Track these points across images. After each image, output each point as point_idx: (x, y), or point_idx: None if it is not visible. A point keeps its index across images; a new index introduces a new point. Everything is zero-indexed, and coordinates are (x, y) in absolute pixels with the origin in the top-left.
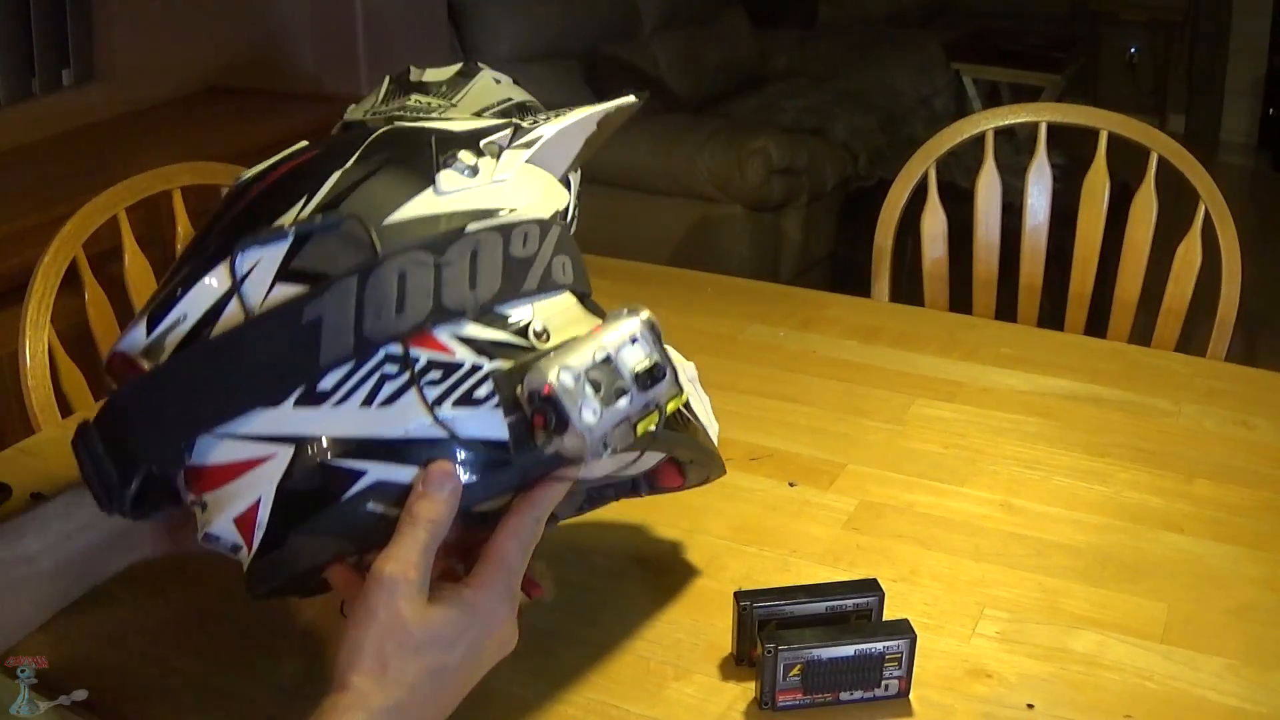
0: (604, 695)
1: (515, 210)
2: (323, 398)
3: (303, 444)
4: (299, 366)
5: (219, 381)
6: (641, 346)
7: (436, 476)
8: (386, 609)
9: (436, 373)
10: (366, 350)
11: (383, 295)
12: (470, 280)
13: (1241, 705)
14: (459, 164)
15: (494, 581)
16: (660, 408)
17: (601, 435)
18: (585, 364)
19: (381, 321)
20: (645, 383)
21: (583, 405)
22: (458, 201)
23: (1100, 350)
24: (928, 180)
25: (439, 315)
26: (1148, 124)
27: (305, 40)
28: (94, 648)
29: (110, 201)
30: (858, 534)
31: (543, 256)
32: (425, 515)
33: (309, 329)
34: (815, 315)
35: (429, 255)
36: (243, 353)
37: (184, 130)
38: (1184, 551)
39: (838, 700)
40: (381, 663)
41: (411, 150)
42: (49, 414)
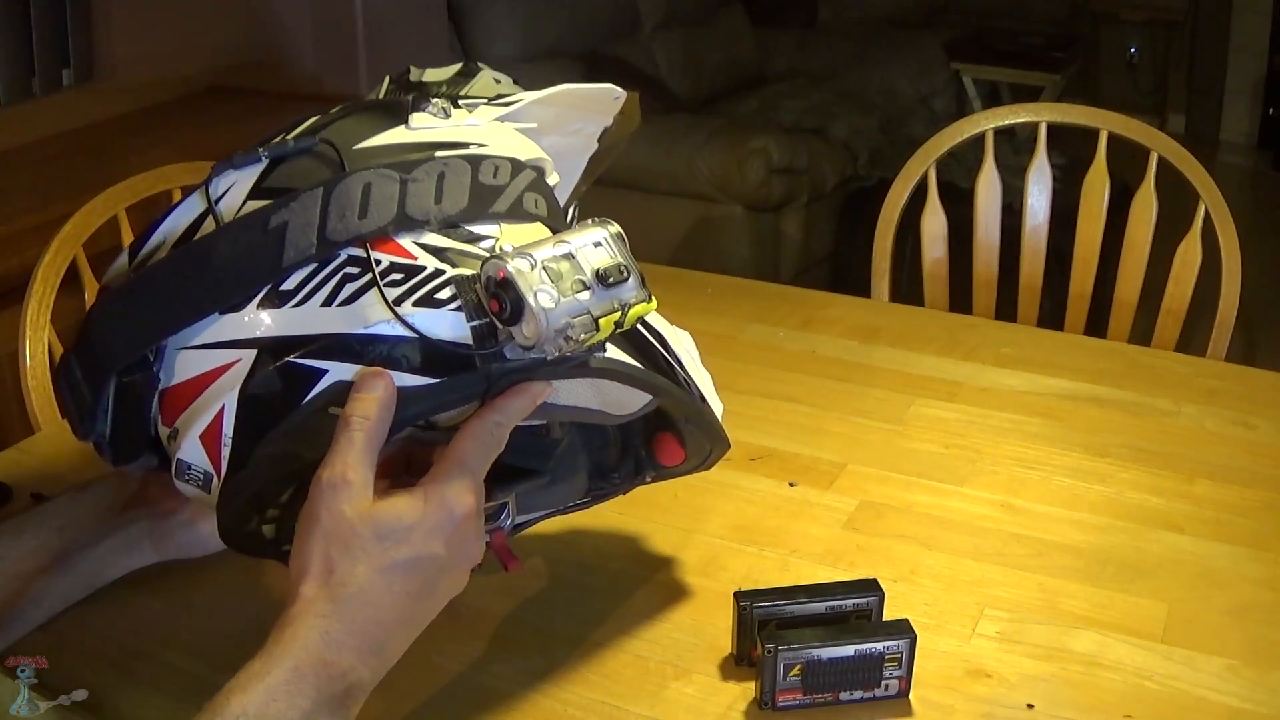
0: (604, 695)
1: (486, 147)
2: (285, 298)
3: (264, 347)
4: (262, 267)
5: (185, 287)
6: (606, 250)
7: (366, 376)
8: (328, 512)
9: (398, 275)
10: (329, 250)
11: (347, 201)
12: (436, 195)
13: (1241, 705)
14: (432, 107)
15: (447, 475)
16: (625, 306)
17: (560, 324)
18: (543, 254)
19: (344, 224)
20: (607, 280)
21: (539, 290)
22: (429, 135)
23: (1100, 350)
24: (928, 180)
25: (402, 222)
26: (1148, 124)
27: (305, 40)
28: (94, 648)
29: (110, 201)
30: (858, 534)
31: (514, 188)
32: (358, 413)
33: (274, 233)
34: (815, 315)
35: (395, 171)
36: (208, 259)
37: (184, 130)
38: (1184, 551)
39: (838, 700)
40: (328, 566)
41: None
42: (49, 414)
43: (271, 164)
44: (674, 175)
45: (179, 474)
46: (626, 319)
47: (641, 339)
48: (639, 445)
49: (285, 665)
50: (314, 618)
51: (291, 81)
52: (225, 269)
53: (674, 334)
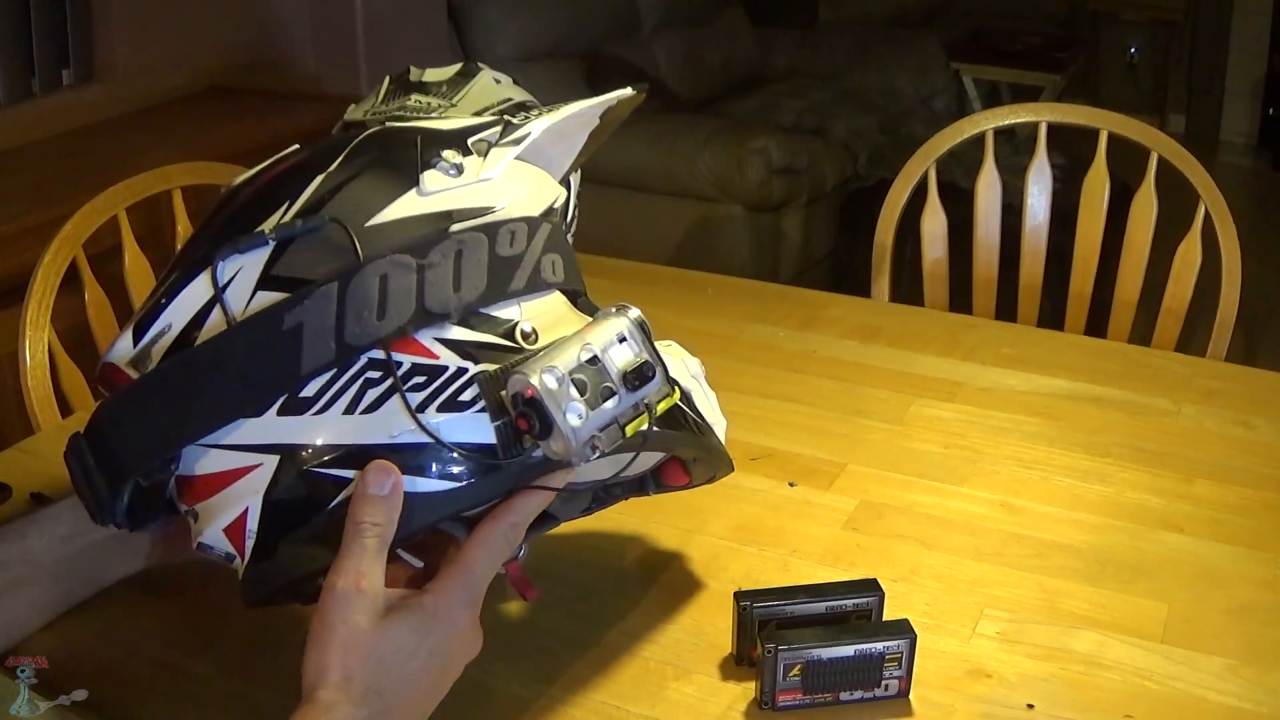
0: (604, 695)
1: (502, 208)
2: (306, 405)
3: (287, 454)
4: (280, 374)
5: (202, 392)
6: (630, 346)
7: (373, 476)
8: (344, 623)
9: (420, 377)
10: (348, 356)
11: (364, 300)
12: (454, 282)
13: (1241, 705)
14: (443, 163)
15: (455, 588)
16: (650, 408)
17: (587, 438)
18: (570, 365)
19: (363, 326)
20: (633, 383)
21: (567, 408)
22: (442, 201)
23: (1100, 350)
24: (928, 180)
25: (421, 319)
26: (1148, 124)
27: (305, 40)
28: (94, 648)
29: (110, 201)
30: (858, 534)
31: (531, 255)
32: (368, 520)
33: (290, 336)
34: (815, 315)
35: (411, 258)
36: (224, 362)
37: (184, 130)
38: (1184, 551)
39: (838, 700)
40: (346, 675)
41: (396, 151)
42: (49, 414)
43: (278, 246)
44: (674, 175)
45: (200, 550)
46: (653, 420)
47: None
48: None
49: None
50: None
51: (291, 81)
52: (241, 374)
53: (678, 362)
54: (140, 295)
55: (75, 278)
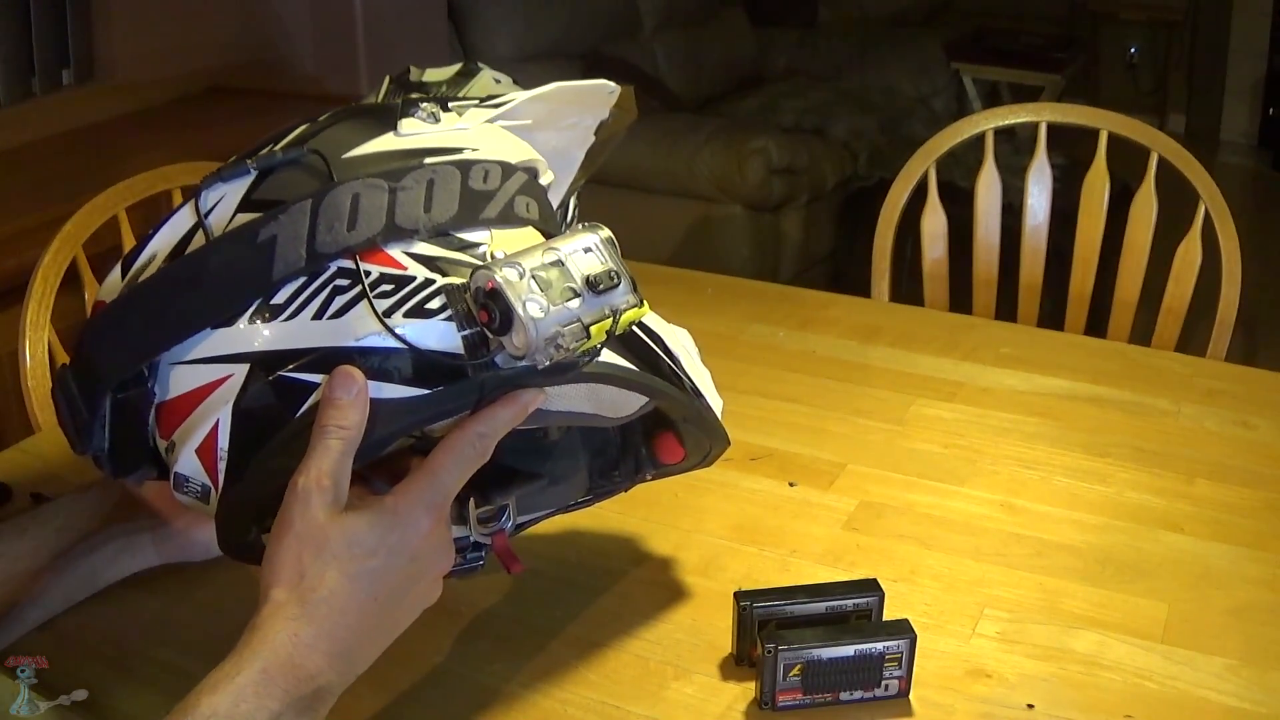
0: (604, 695)
1: (477, 151)
2: (277, 312)
3: (256, 361)
4: (252, 282)
5: (176, 302)
6: (596, 255)
7: (339, 380)
8: (301, 518)
9: (388, 285)
10: (318, 263)
11: (336, 213)
12: (426, 204)
13: (1241, 705)
14: (421, 112)
15: (419, 489)
16: (616, 313)
17: (549, 333)
18: (532, 262)
19: (333, 235)
20: (597, 286)
21: (527, 299)
22: (417, 141)
23: (1100, 350)
24: (928, 180)
25: (391, 232)
26: (1148, 124)
27: (305, 40)
28: (94, 648)
29: (110, 201)
30: (858, 534)
31: (505, 192)
32: (333, 422)
33: (263, 246)
34: (815, 315)
35: (384, 180)
36: (199, 273)
37: (184, 130)
38: (1184, 551)
39: (838, 700)
40: (299, 571)
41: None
42: (49, 414)
43: (260, 176)
44: (674, 175)
45: (177, 486)
46: (618, 325)
47: (637, 341)
48: (639, 444)
49: (254, 667)
50: (284, 620)
51: (291, 81)
52: (215, 284)
53: (671, 332)
54: None
55: (75, 278)
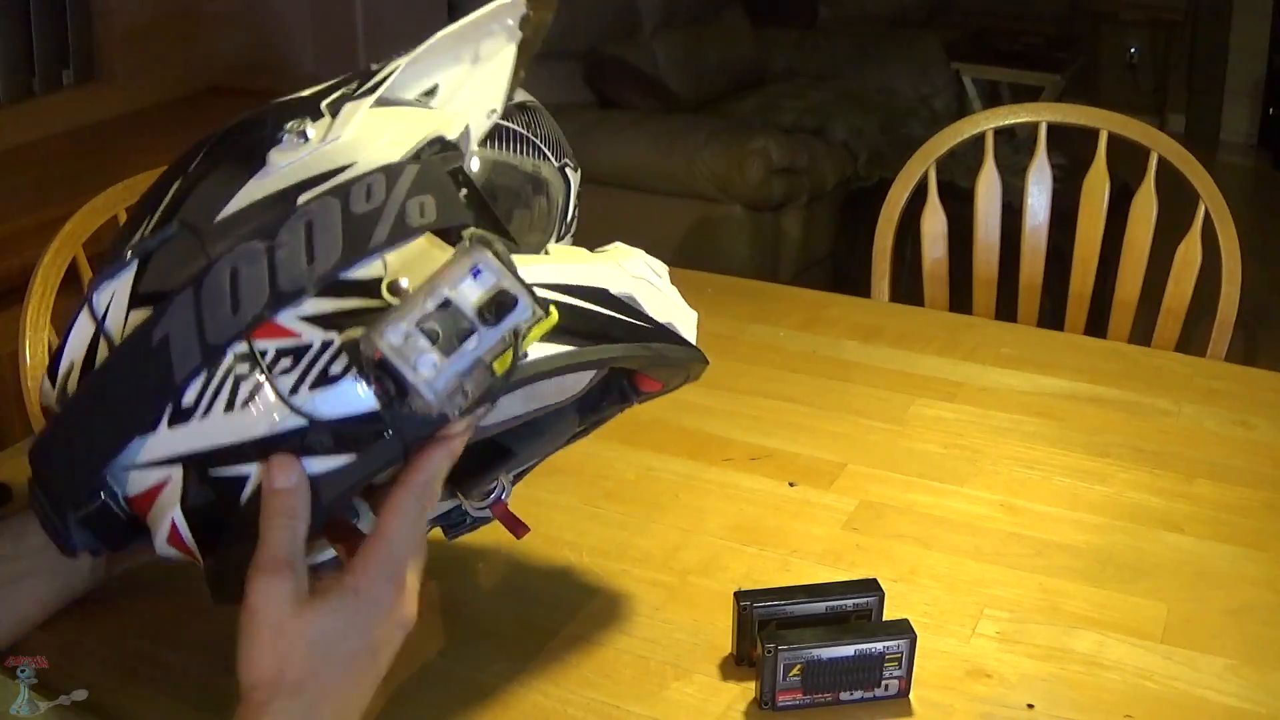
0: (604, 695)
1: (355, 165)
2: (189, 413)
3: (186, 463)
4: (159, 389)
5: (96, 420)
6: (486, 276)
7: (275, 470)
8: (266, 612)
9: (287, 359)
10: (214, 355)
11: (217, 296)
12: (307, 255)
13: (1241, 705)
14: (288, 135)
15: (375, 563)
16: (519, 335)
17: (448, 387)
18: (416, 315)
19: (220, 323)
20: (491, 316)
21: (417, 361)
22: (290, 175)
23: (1100, 350)
24: (928, 180)
25: (276, 301)
26: (1148, 124)
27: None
28: (94, 648)
29: (110, 201)
30: (858, 534)
31: (393, 202)
32: (278, 512)
33: (159, 349)
34: (815, 315)
35: (260, 243)
36: (108, 388)
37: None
38: (1184, 551)
39: (838, 700)
40: (277, 668)
41: (249, 134)
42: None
43: (141, 264)
44: (674, 175)
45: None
46: (524, 344)
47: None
48: (620, 378)
49: None
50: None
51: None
52: (126, 396)
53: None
54: None
55: (75, 278)
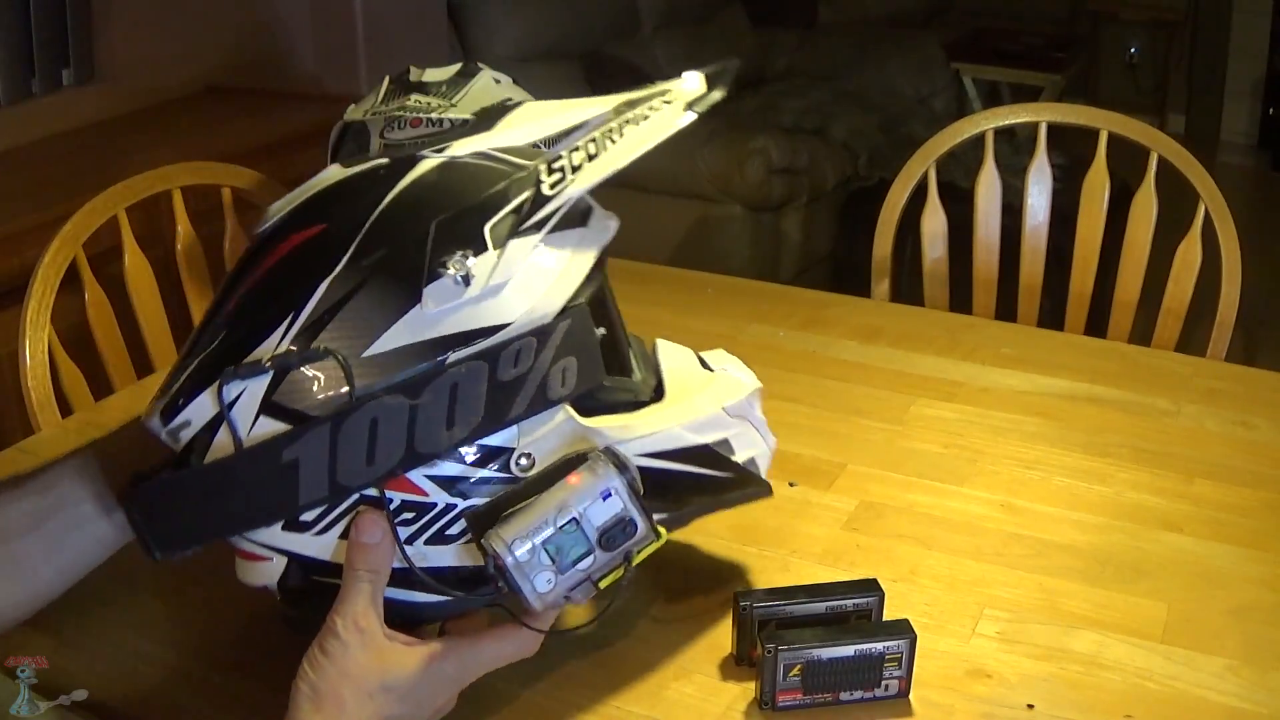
0: (604, 695)
1: (511, 324)
2: (306, 527)
3: (293, 559)
4: (281, 501)
5: (216, 504)
6: (614, 502)
7: (365, 525)
8: (342, 658)
9: (410, 513)
10: (341, 494)
11: (355, 443)
12: (448, 419)
13: (1241, 705)
14: (449, 273)
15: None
16: (629, 558)
17: (557, 599)
18: (544, 533)
19: (353, 470)
20: (611, 541)
21: (535, 578)
22: (444, 325)
23: (1100, 350)
24: (928, 180)
25: (411, 461)
26: (1148, 124)
27: (305, 40)
28: (94, 648)
29: (110, 201)
30: (858, 534)
31: (537, 371)
32: (363, 566)
33: (288, 469)
34: (815, 315)
35: (404, 398)
36: (234, 484)
37: (184, 130)
38: (1184, 551)
39: (838, 700)
40: (339, 705)
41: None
42: (49, 414)
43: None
44: (674, 175)
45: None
46: (632, 566)
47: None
48: None
49: None
50: None
51: (291, 81)
52: (248, 497)
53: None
54: (140, 295)
55: (75, 278)
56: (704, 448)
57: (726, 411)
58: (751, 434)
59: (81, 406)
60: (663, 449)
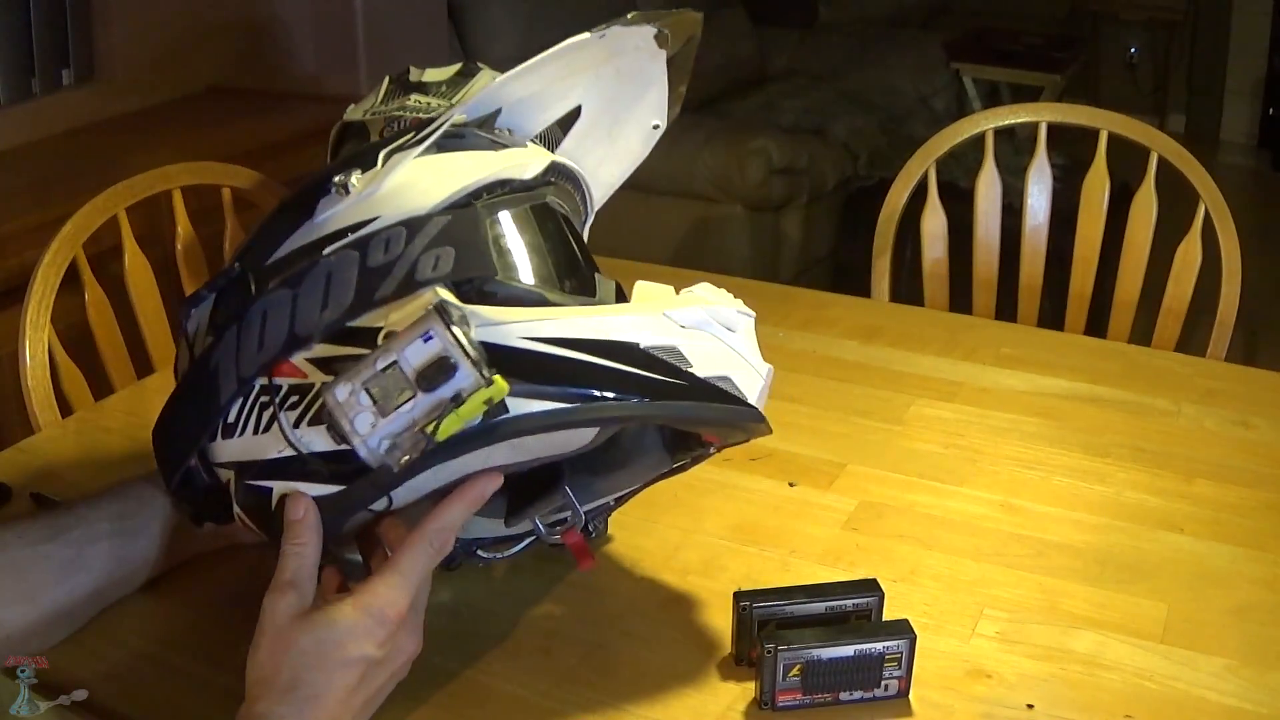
0: (604, 695)
1: (379, 218)
2: (231, 429)
3: (234, 470)
4: (211, 406)
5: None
6: (434, 343)
7: (290, 504)
8: (270, 624)
9: (295, 396)
10: (244, 385)
11: (250, 335)
12: (322, 304)
13: (1241, 705)
14: (335, 186)
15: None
16: (458, 401)
17: (382, 445)
18: (365, 374)
19: (248, 357)
20: (430, 381)
21: (355, 418)
22: (325, 226)
23: (1100, 350)
24: (928, 180)
25: (292, 344)
26: (1148, 124)
27: (305, 40)
28: (94, 648)
29: (110, 201)
30: (858, 534)
31: (406, 258)
32: (290, 542)
33: (213, 374)
34: (815, 315)
35: (288, 289)
36: (183, 397)
37: (184, 130)
38: (1184, 551)
39: (837, 700)
40: (273, 670)
41: (315, 180)
42: (49, 414)
43: (217, 297)
44: (674, 175)
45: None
46: (465, 410)
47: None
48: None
49: None
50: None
51: (291, 81)
52: (193, 407)
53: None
54: (140, 295)
55: (75, 278)
56: (630, 345)
57: (670, 317)
58: (719, 352)
59: (81, 406)
60: (561, 335)
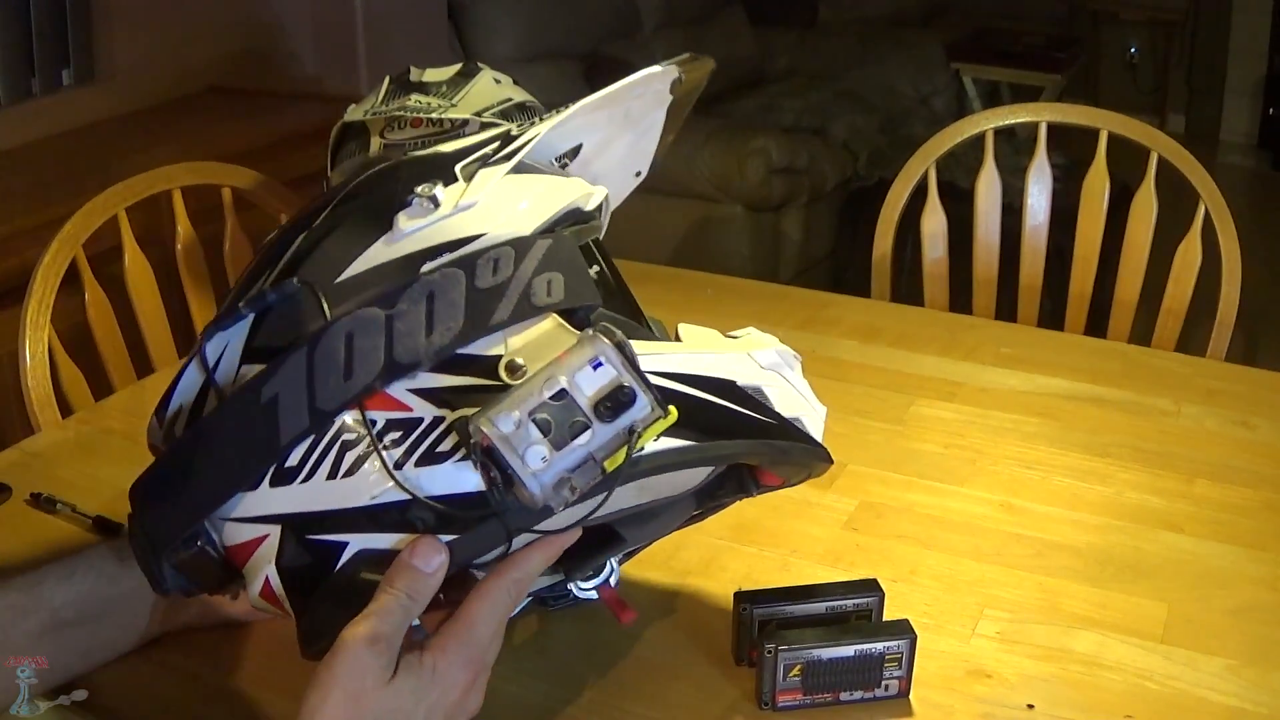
0: (604, 695)
1: (485, 236)
2: (292, 475)
3: (285, 524)
4: (264, 447)
5: (199, 471)
6: (606, 370)
7: (421, 548)
8: (349, 677)
9: (396, 432)
10: (323, 421)
11: (331, 362)
12: (426, 327)
13: (1241, 705)
14: (417, 199)
15: (456, 646)
16: (634, 433)
17: (555, 481)
18: (531, 404)
19: (331, 389)
20: (608, 412)
21: (526, 453)
22: (416, 241)
23: (1100, 350)
24: (928, 180)
25: (391, 372)
26: (1148, 124)
27: (305, 40)
28: None
29: (110, 201)
30: (858, 534)
31: (519, 280)
32: (404, 589)
33: (267, 408)
34: (815, 315)
35: (379, 310)
36: (213, 440)
37: (184, 130)
38: (1184, 551)
39: (838, 700)
40: None
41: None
42: (49, 414)
43: (256, 318)
44: (674, 175)
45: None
46: (640, 442)
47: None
48: (740, 470)
49: None
50: None
51: (291, 81)
52: (231, 453)
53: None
54: (140, 296)
55: (75, 278)
56: (729, 383)
57: (754, 358)
58: (790, 393)
59: (81, 406)
60: (676, 371)
